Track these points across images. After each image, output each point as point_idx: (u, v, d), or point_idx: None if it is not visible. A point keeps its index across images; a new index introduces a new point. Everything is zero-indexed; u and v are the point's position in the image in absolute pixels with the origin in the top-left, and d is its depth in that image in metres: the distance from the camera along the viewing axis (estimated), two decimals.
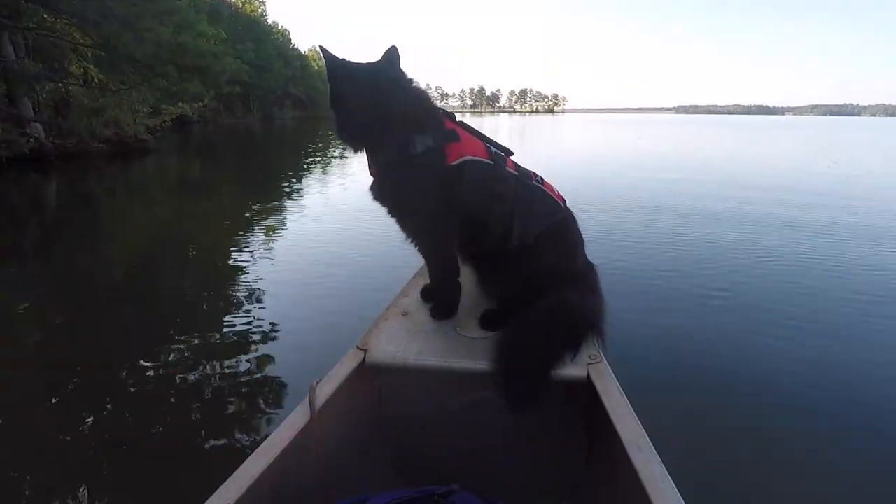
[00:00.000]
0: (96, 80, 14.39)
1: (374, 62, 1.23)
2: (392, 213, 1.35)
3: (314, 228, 5.26)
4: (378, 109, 1.21)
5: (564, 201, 1.42)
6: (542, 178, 1.40)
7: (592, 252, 1.50)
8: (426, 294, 1.52)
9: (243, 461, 0.91)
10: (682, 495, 0.82)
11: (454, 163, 1.24)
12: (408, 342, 1.28)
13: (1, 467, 1.79)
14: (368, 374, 1.25)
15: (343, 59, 1.24)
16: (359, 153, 1.32)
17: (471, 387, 1.24)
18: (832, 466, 1.79)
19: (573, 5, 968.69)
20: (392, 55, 1.21)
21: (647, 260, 4.06)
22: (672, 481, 0.84)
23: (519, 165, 1.39)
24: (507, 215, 1.29)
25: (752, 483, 1.69)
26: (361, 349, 1.25)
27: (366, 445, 1.27)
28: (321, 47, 1.28)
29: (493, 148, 1.34)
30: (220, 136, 24.45)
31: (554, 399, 1.17)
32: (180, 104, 15.86)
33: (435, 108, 1.31)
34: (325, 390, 1.10)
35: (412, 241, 1.40)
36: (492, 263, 1.38)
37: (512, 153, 1.39)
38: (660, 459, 0.89)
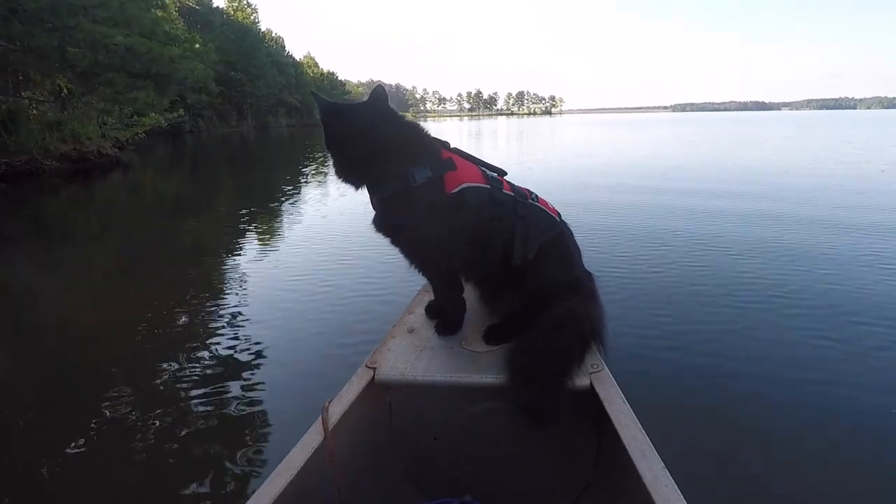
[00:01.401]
0: (65, 91, 12.75)
1: (364, 101, 1.27)
2: (395, 243, 1.37)
3: (311, 251, 4.56)
4: (374, 146, 1.24)
5: (559, 215, 1.46)
6: (536, 196, 1.44)
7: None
8: (431, 310, 1.54)
9: (260, 484, 0.92)
10: (685, 498, 0.84)
11: (454, 191, 1.27)
12: (415, 359, 1.30)
13: None
14: (378, 392, 1.27)
15: (335, 102, 1.28)
16: (360, 190, 1.34)
17: (478, 400, 1.27)
18: (836, 464, 1.76)
19: (567, 6, 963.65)
20: (379, 93, 1.25)
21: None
22: (675, 485, 0.87)
23: (514, 185, 1.42)
24: (506, 235, 1.32)
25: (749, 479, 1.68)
26: (370, 367, 1.27)
27: (379, 462, 1.27)
28: (313, 93, 1.38)
29: (487, 171, 1.39)
30: (211, 146, 23.27)
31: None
32: (152, 115, 14.05)
33: (430, 139, 1.34)
34: (336, 410, 1.11)
35: (416, 268, 1.41)
36: (492, 279, 1.41)
37: (505, 173, 1.45)
38: (663, 464, 0.91)
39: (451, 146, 1.39)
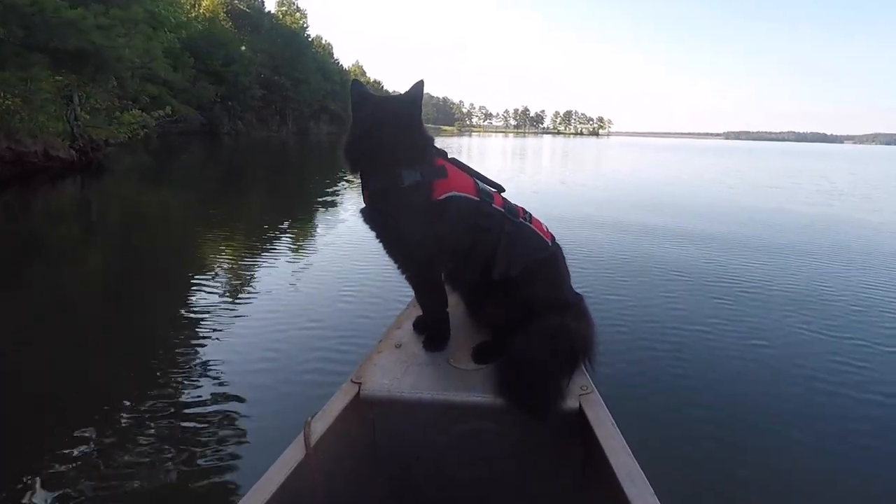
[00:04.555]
0: None
1: (397, 96, 1.34)
2: (379, 238, 1.38)
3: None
4: (378, 140, 1.27)
5: (553, 238, 1.45)
6: (530, 216, 1.44)
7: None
8: (419, 326, 1.52)
9: (238, 500, 0.88)
10: None
11: (440, 198, 1.28)
12: (402, 375, 1.27)
13: None
14: (363, 408, 1.23)
15: (366, 91, 1.32)
16: (354, 175, 1.35)
17: (465, 418, 1.22)
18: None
19: (621, 44, 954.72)
20: (417, 90, 1.31)
21: None
22: None
23: (507, 202, 1.42)
24: (491, 249, 1.32)
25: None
26: (356, 383, 1.23)
27: (362, 479, 1.25)
28: (354, 80, 1.38)
29: (482, 184, 1.39)
30: (243, 151, 22.12)
31: (546, 429, 1.16)
32: (134, 112, 12.32)
33: (430, 146, 1.34)
34: (319, 425, 1.08)
35: (398, 268, 1.41)
36: (480, 295, 1.41)
37: (503, 189, 1.44)
38: (653, 491, 0.88)
39: (450, 156, 1.40)
